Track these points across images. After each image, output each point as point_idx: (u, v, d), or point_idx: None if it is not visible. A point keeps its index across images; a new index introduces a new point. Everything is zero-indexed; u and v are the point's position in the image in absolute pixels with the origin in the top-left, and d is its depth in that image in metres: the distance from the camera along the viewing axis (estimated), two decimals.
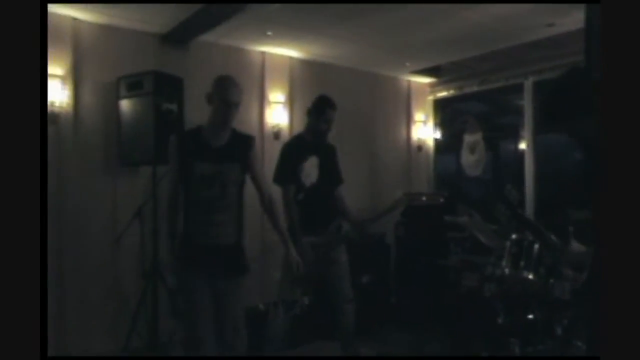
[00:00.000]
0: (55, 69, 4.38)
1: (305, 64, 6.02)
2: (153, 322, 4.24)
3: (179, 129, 4.41)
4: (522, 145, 6.20)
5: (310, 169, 4.00)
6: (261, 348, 4.12)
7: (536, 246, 4.22)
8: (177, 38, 4.97)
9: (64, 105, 4.43)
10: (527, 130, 6.11)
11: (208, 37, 5.06)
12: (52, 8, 4.30)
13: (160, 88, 4.26)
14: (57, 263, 4.40)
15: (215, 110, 3.14)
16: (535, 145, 6.06)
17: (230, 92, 3.17)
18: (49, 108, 4.34)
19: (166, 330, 4.32)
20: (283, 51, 5.73)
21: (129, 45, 4.82)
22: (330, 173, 4.11)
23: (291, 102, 5.85)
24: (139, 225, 4.33)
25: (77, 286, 4.51)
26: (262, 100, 5.70)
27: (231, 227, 3.04)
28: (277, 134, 5.67)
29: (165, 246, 3.19)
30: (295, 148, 4.06)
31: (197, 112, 5.00)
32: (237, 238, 3.08)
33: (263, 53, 5.69)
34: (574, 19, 4.53)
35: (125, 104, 4.44)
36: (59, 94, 4.38)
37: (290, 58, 5.89)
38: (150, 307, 4.25)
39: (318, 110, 4.03)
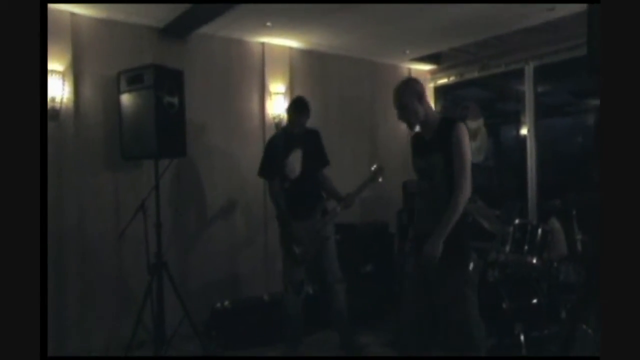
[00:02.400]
0: (55, 65, 4.37)
1: (305, 53, 6.01)
2: (159, 315, 4.26)
3: (181, 122, 4.44)
4: (524, 131, 6.19)
5: (294, 163, 4.21)
6: (277, 335, 4.19)
7: (539, 231, 4.24)
8: (176, 31, 4.96)
9: (65, 100, 4.43)
10: (528, 115, 6.10)
11: (207, 29, 5.05)
12: (51, 4, 4.30)
13: (161, 81, 4.24)
14: (60, 259, 4.43)
15: None
16: (536, 130, 6.05)
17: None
18: (50, 104, 4.35)
19: (172, 324, 4.35)
20: (282, 42, 5.72)
21: (128, 39, 4.81)
22: (315, 158, 4.32)
23: (291, 93, 5.84)
24: (142, 219, 4.33)
25: (81, 281, 4.53)
26: (262, 91, 5.69)
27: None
28: (278, 125, 5.67)
29: None
30: (278, 143, 4.29)
31: (198, 104, 5.06)
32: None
33: (263, 44, 5.68)
34: (574, 3, 4.52)
35: (126, 98, 4.43)
36: (59, 90, 4.38)
37: (290, 48, 5.87)
38: (155, 301, 4.27)
39: (291, 111, 4.31)
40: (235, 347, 4.58)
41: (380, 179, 4.32)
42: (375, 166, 4.34)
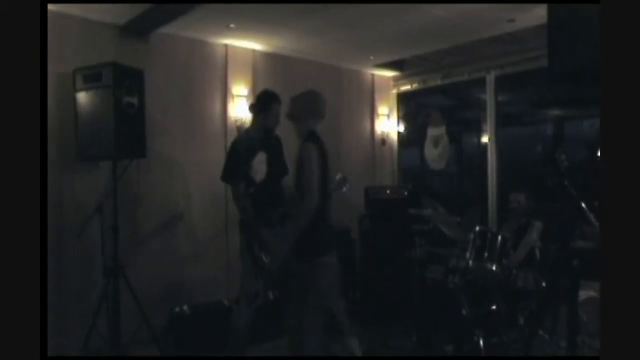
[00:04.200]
0: None
1: (269, 57, 5.96)
2: (115, 320, 4.15)
3: (141, 123, 4.33)
4: (485, 139, 6.28)
5: (259, 166, 4.05)
6: (226, 343, 4.11)
7: (499, 238, 4.28)
8: (137, 29, 4.85)
9: None
10: (489, 123, 6.19)
11: (169, 29, 4.96)
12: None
13: (120, 80, 4.14)
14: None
15: None
16: (497, 138, 6.14)
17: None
18: None
19: (128, 329, 4.24)
20: (246, 44, 5.66)
21: (86, 36, 4.67)
22: (278, 166, 4.20)
23: (254, 96, 5.77)
24: (99, 222, 4.21)
25: None
26: (225, 94, 5.62)
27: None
28: (240, 128, 5.60)
29: None
30: (243, 145, 4.09)
31: (159, 105, 4.96)
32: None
33: (226, 46, 5.61)
34: (534, 15, 4.60)
35: (82, 97, 4.29)
36: None
37: (253, 51, 5.82)
38: (111, 305, 4.15)
39: (264, 106, 4.09)
40: (194, 352, 4.49)
41: (344, 189, 4.27)
42: (339, 175, 4.29)
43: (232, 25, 5.04)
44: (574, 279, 3.07)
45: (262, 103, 4.10)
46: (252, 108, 4.19)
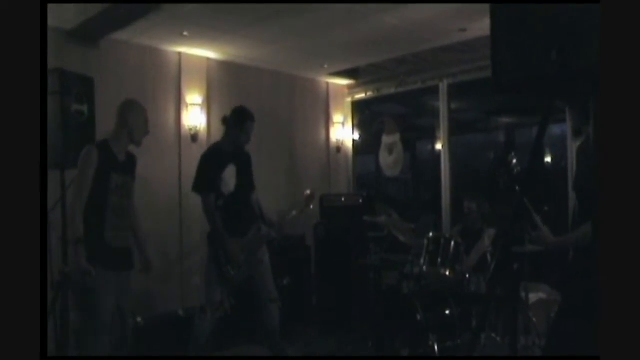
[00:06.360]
0: None
1: (223, 65, 5.92)
2: (63, 335, 4.02)
3: (91, 132, 4.23)
4: (438, 146, 6.37)
5: (229, 179, 4.09)
6: (186, 351, 4.07)
7: (452, 243, 4.35)
8: (86, 35, 4.74)
9: None
10: (443, 131, 6.28)
11: (120, 35, 4.87)
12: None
13: (68, 88, 4.02)
14: None
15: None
16: (450, 145, 6.24)
17: None
18: None
19: (76, 343, 4.11)
20: (200, 52, 5.61)
21: None
22: (247, 180, 4.21)
23: (208, 104, 5.74)
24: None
25: None
26: (178, 102, 5.55)
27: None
28: (194, 137, 5.54)
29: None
30: (214, 158, 4.13)
31: (110, 114, 4.84)
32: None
33: (179, 54, 5.55)
34: (485, 24, 4.69)
35: None
36: None
37: (208, 59, 5.78)
38: (59, 320, 4.02)
39: (238, 122, 4.09)
40: None
41: (312, 206, 4.34)
42: (308, 192, 4.32)
43: (185, 33, 4.99)
44: (515, 282, 3.14)
45: (237, 119, 4.10)
46: (226, 122, 4.16)
